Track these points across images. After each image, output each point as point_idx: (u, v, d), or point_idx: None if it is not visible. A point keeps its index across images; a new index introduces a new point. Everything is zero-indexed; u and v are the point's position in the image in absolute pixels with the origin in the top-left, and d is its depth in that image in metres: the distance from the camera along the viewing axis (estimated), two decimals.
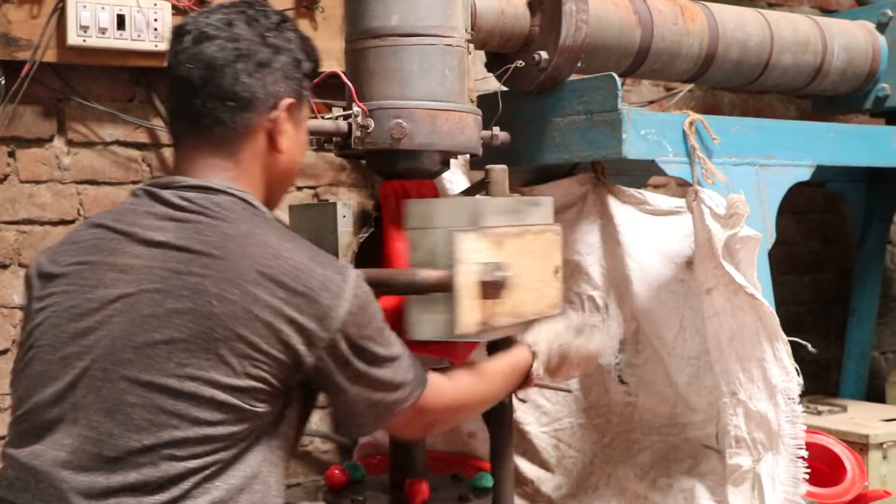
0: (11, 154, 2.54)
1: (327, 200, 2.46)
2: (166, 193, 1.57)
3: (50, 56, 2.47)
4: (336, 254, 1.85)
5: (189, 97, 1.60)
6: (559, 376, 2.05)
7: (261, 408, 1.48)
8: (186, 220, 1.53)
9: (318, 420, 2.91)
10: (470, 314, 1.78)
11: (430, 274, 1.87)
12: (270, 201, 1.69)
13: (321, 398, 1.63)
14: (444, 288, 1.80)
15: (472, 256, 1.79)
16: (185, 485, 1.43)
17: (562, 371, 2.04)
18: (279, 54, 1.63)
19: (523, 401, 2.62)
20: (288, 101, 1.64)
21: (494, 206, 1.90)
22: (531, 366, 1.96)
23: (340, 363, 1.53)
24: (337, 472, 2.23)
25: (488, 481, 2.18)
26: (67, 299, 1.53)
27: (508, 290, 1.87)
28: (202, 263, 1.48)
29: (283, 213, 2.70)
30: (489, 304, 1.82)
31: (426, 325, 1.90)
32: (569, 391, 2.61)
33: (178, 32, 1.63)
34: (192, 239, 1.51)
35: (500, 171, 2.15)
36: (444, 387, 1.73)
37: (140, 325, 1.47)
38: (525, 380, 1.97)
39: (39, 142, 2.57)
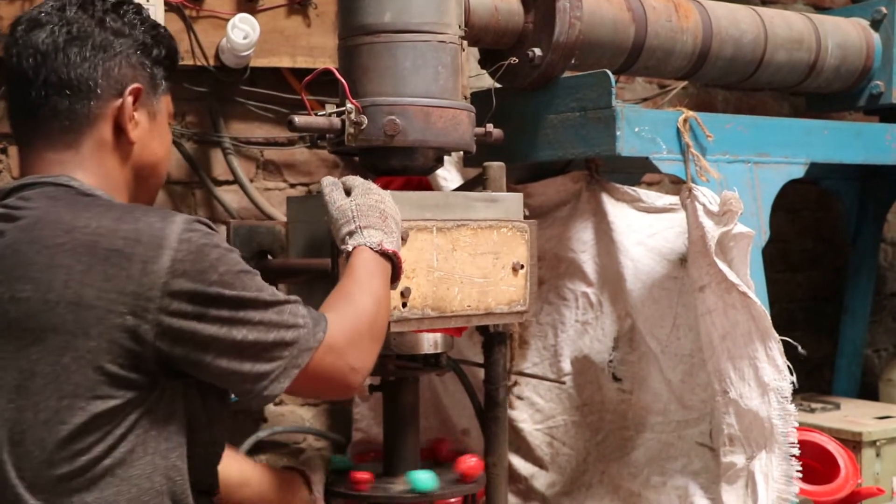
0: (3, 150, 2.53)
1: None
2: None
3: None
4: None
5: (24, 89, 1.50)
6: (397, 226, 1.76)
7: (105, 405, 1.34)
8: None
9: (311, 417, 2.91)
10: None
11: (308, 262, 1.88)
12: (137, 200, 1.58)
13: None
14: (325, 277, 1.79)
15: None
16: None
17: (396, 222, 1.76)
18: (119, 37, 1.52)
19: (520, 398, 2.63)
20: (134, 86, 1.52)
21: (408, 200, 1.90)
22: (373, 252, 1.66)
23: (192, 317, 1.35)
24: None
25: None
26: None
27: (414, 282, 1.87)
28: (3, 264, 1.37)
29: (279, 208, 2.70)
30: None
31: None
32: (562, 383, 2.61)
33: (15, 22, 1.54)
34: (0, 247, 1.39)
35: (497, 167, 2.15)
36: (345, 310, 1.54)
37: None
38: (395, 271, 1.71)
39: None
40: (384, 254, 1.67)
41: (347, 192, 1.76)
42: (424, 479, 2.10)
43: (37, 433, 1.35)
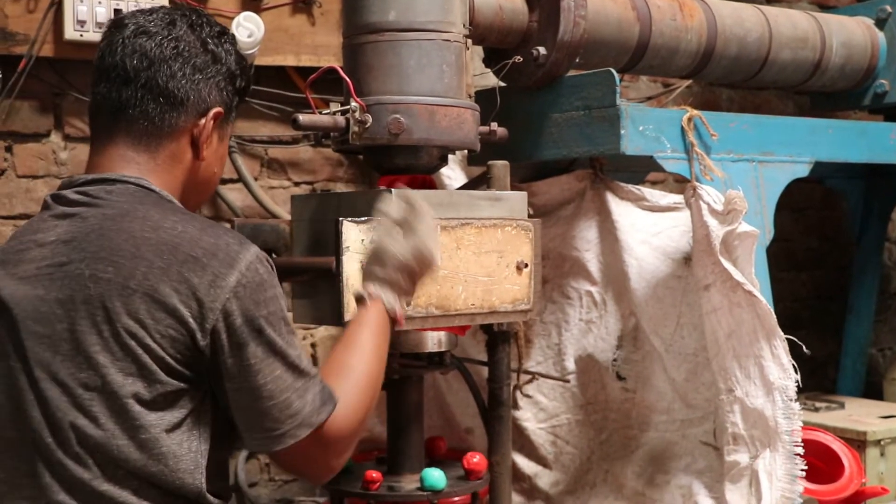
0: (8, 149, 2.54)
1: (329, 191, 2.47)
2: (67, 192, 1.55)
3: (47, 51, 2.46)
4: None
5: (120, 87, 1.57)
6: (419, 284, 1.74)
7: (158, 391, 1.41)
8: (76, 214, 1.51)
9: None
10: (354, 303, 1.75)
11: (312, 260, 1.88)
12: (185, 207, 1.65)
13: None
14: (329, 275, 1.80)
15: (358, 245, 1.80)
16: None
17: (419, 281, 1.72)
18: (216, 63, 1.62)
19: (528, 396, 2.63)
20: (217, 109, 1.61)
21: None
22: (385, 312, 1.66)
23: (235, 343, 1.42)
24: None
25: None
26: None
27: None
28: (80, 249, 1.45)
29: (283, 206, 2.70)
30: None
31: (310, 311, 1.93)
32: (566, 381, 2.61)
33: (117, 24, 1.61)
34: (75, 229, 1.48)
35: (501, 166, 2.15)
36: (345, 394, 1.53)
37: (41, 321, 1.45)
38: (393, 324, 1.69)
39: (36, 137, 2.56)
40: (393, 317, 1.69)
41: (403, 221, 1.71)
42: (437, 477, 2.11)
43: (102, 404, 1.42)
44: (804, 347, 2.28)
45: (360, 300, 1.67)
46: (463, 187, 2.40)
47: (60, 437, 1.43)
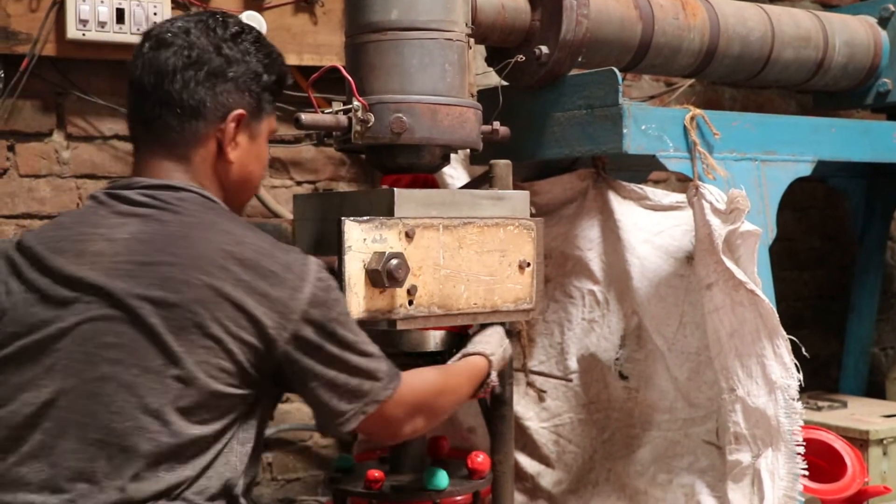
0: (11, 148, 2.54)
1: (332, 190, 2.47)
2: (129, 193, 1.60)
3: (49, 50, 2.47)
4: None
5: (141, 101, 1.65)
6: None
7: (234, 391, 1.51)
8: (150, 215, 1.57)
9: None
10: (356, 302, 1.80)
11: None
12: (229, 207, 1.72)
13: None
14: (331, 274, 1.80)
15: (360, 245, 1.81)
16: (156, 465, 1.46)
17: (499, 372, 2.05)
18: (233, 65, 1.65)
19: (543, 391, 2.64)
20: (237, 112, 1.66)
21: (415, 198, 1.90)
22: (488, 374, 1.98)
23: (312, 347, 1.55)
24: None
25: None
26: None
27: (421, 280, 1.88)
28: (168, 252, 1.51)
29: (286, 206, 2.70)
30: (387, 294, 1.84)
31: None
32: (569, 380, 2.61)
33: (143, 37, 1.67)
34: (156, 231, 1.54)
35: (503, 165, 2.15)
36: (416, 383, 1.74)
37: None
38: (481, 386, 1.98)
39: (39, 136, 2.57)
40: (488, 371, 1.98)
41: None
42: (439, 476, 2.11)
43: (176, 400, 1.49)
44: (803, 350, 2.27)
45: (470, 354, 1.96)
46: (465, 186, 2.40)
47: (126, 428, 1.46)
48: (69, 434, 1.47)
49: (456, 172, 2.65)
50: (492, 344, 2.02)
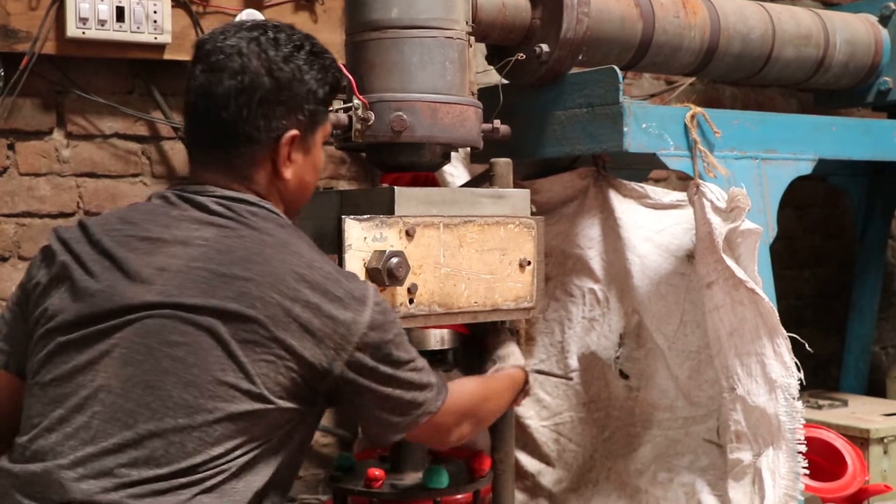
0: (11, 147, 2.53)
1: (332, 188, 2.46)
2: (202, 199, 1.61)
3: (49, 48, 2.46)
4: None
5: (196, 125, 1.67)
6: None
7: (287, 405, 1.52)
8: (226, 226, 1.58)
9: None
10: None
11: None
12: (287, 215, 1.73)
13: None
14: None
15: (361, 243, 1.81)
16: (205, 470, 1.47)
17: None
18: (285, 89, 1.64)
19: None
20: (291, 134, 1.66)
21: (415, 196, 1.90)
22: (526, 381, 2.09)
23: (368, 368, 1.58)
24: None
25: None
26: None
27: (421, 278, 1.88)
28: (244, 267, 1.52)
29: None
30: (387, 293, 1.85)
31: None
32: (569, 379, 2.60)
33: (197, 55, 1.66)
34: (233, 243, 1.56)
35: (504, 164, 2.15)
36: (461, 392, 1.79)
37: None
38: (519, 394, 2.09)
39: (39, 134, 2.56)
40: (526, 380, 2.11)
41: None
42: (440, 475, 2.11)
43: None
44: (807, 345, 2.27)
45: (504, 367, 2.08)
46: (466, 185, 2.39)
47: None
48: (117, 420, 1.47)
49: (456, 171, 2.65)
50: (518, 355, 2.14)
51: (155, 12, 2.50)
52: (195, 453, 1.46)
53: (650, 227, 2.50)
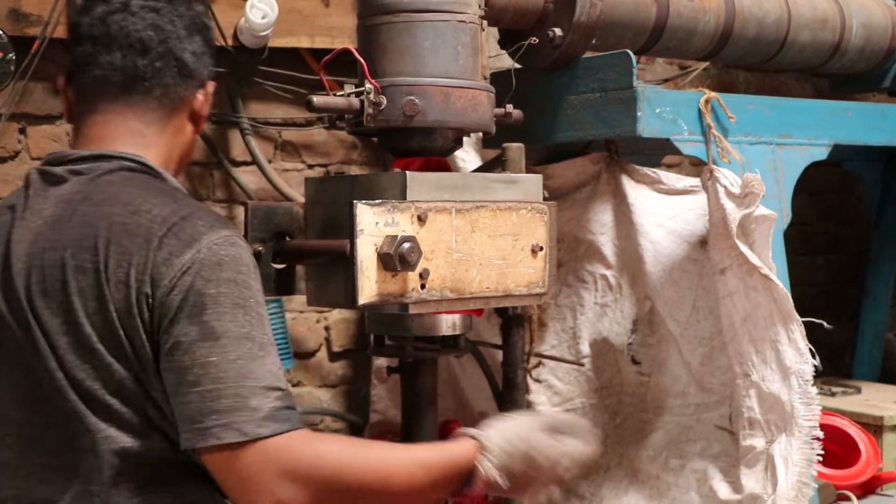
0: (22, 131, 2.53)
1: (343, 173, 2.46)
2: (58, 170, 1.52)
3: (60, 32, 2.45)
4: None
5: (136, 58, 1.56)
6: (528, 488, 1.61)
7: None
8: (64, 196, 1.48)
9: (329, 399, 2.91)
10: (368, 285, 1.78)
11: (326, 244, 1.87)
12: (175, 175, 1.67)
13: None
14: (343, 258, 1.79)
15: (373, 228, 1.79)
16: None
17: (531, 481, 1.59)
18: (211, 38, 1.66)
19: (538, 381, 2.62)
20: (212, 83, 1.67)
21: (427, 181, 1.89)
22: (473, 464, 1.52)
23: (171, 318, 1.36)
24: None
25: None
26: None
27: (433, 263, 1.86)
28: (65, 235, 1.44)
29: (297, 189, 2.69)
30: (399, 278, 1.82)
31: (324, 294, 1.93)
32: (581, 365, 2.60)
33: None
34: (63, 213, 1.46)
35: (516, 149, 2.13)
36: (317, 442, 1.41)
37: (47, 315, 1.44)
38: (468, 481, 1.53)
39: (50, 118, 2.56)
40: (476, 476, 1.53)
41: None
42: None
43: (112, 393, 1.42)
44: (825, 324, 2.26)
45: (460, 437, 1.56)
46: (478, 170, 2.38)
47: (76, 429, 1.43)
48: None
49: (468, 156, 2.64)
50: (504, 430, 1.59)
51: None
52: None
53: (663, 213, 2.48)
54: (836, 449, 2.59)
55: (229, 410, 1.32)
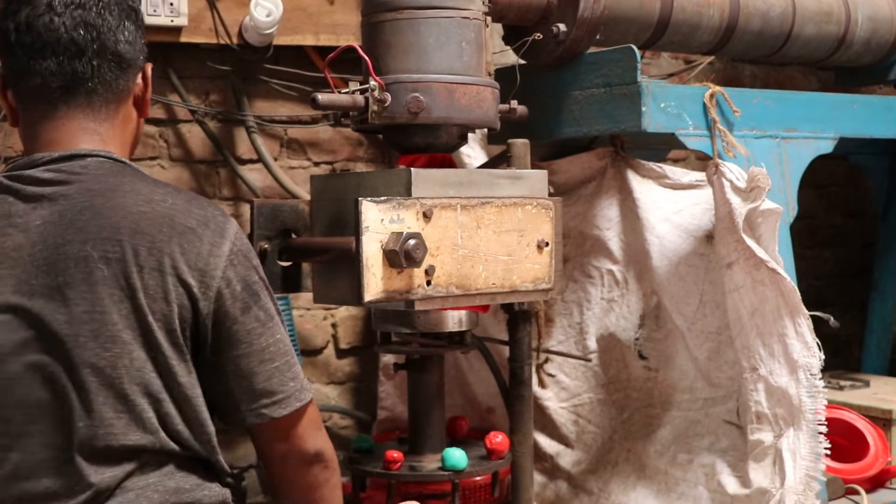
0: None
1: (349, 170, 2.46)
2: (32, 172, 1.51)
3: None
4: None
5: (72, 59, 1.54)
6: None
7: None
8: (56, 193, 1.48)
9: (336, 395, 2.91)
10: (374, 282, 1.79)
11: (332, 241, 1.88)
12: None
13: None
14: (349, 255, 1.80)
15: (378, 225, 1.79)
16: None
17: None
18: (138, 15, 1.62)
19: (551, 375, 2.63)
20: (149, 65, 1.65)
21: (432, 178, 1.89)
22: None
23: (239, 307, 1.50)
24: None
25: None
26: None
27: (439, 260, 1.86)
28: (76, 228, 1.45)
29: (303, 186, 2.70)
30: (405, 274, 1.82)
31: (330, 291, 1.96)
32: (588, 360, 2.60)
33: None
34: (63, 208, 1.47)
35: (521, 145, 2.14)
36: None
37: (57, 308, 1.44)
38: None
39: None
40: None
41: None
42: (458, 456, 2.11)
43: (132, 381, 1.45)
44: (832, 320, 2.25)
45: None
46: (483, 166, 2.39)
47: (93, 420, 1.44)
48: None
49: (473, 152, 2.64)
50: None
51: None
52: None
53: (669, 208, 2.48)
54: (845, 443, 2.58)
55: (296, 377, 1.55)
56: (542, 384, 2.63)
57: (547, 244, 2.05)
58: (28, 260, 1.46)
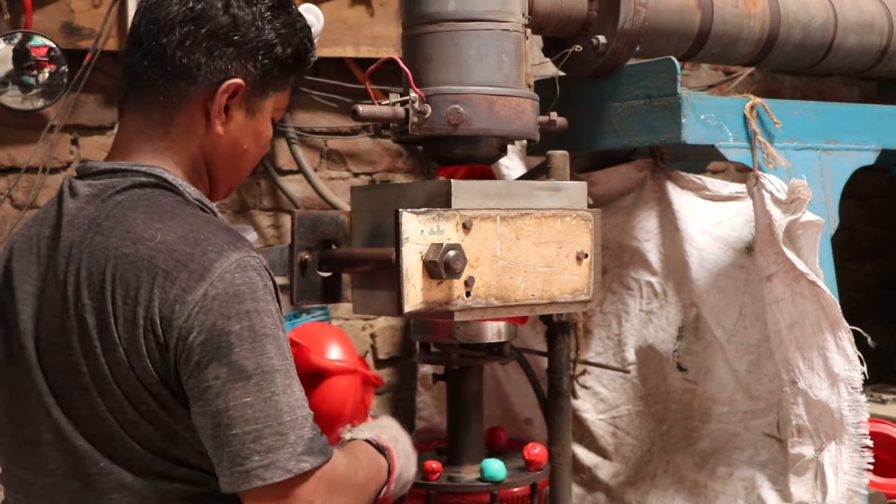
0: (74, 141, 2.58)
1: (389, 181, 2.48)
2: (80, 185, 1.45)
3: (111, 44, 2.50)
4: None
5: (133, 51, 1.47)
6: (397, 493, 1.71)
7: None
8: (75, 218, 1.42)
9: (374, 406, 2.92)
10: (414, 293, 1.78)
11: (372, 251, 1.88)
12: (215, 189, 1.56)
13: None
14: (389, 266, 1.80)
15: (418, 236, 1.79)
16: None
17: (409, 481, 1.74)
18: (240, 29, 1.45)
19: (585, 387, 2.62)
20: (234, 82, 1.46)
21: (472, 189, 1.89)
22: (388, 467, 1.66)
23: (196, 361, 1.30)
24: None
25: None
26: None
27: (478, 271, 1.86)
28: (75, 270, 1.38)
29: (343, 197, 2.71)
30: (444, 285, 1.82)
31: (370, 302, 1.95)
32: (627, 372, 2.59)
33: None
34: (72, 241, 1.40)
35: (560, 156, 2.14)
36: (348, 463, 1.48)
37: (53, 346, 1.41)
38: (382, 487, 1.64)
39: (101, 129, 2.61)
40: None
41: None
42: (497, 467, 2.11)
43: (129, 433, 1.39)
44: (869, 340, 2.24)
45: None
46: (522, 177, 2.39)
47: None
48: None
49: (512, 163, 2.65)
50: (392, 429, 1.75)
51: None
52: None
53: (708, 220, 2.47)
54: (887, 457, 2.55)
55: (270, 450, 1.30)
56: (573, 395, 2.62)
57: (586, 255, 2.05)
58: (42, 286, 1.43)
